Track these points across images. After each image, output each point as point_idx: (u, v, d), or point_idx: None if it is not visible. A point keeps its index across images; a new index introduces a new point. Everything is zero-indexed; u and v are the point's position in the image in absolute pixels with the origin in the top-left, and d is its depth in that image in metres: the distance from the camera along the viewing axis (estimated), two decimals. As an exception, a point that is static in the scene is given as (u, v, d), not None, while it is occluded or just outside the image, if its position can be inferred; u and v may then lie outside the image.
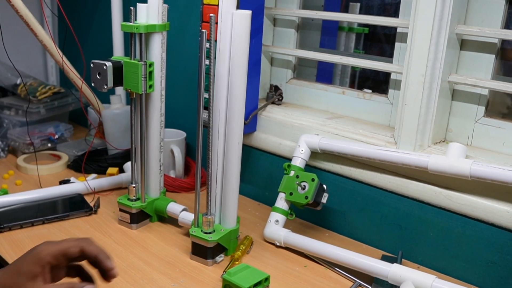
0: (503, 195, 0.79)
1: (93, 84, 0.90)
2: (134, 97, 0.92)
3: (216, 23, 0.85)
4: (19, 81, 1.38)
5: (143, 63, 0.88)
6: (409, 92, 0.87)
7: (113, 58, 0.91)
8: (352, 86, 1.29)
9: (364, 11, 1.27)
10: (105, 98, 1.28)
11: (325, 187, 0.91)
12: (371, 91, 1.03)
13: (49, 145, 1.32)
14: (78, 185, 1.10)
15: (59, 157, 1.27)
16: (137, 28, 0.87)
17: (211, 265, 0.86)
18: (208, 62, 0.84)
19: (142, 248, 0.91)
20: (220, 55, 0.82)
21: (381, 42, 1.31)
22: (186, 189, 1.15)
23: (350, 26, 1.27)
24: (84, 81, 1.15)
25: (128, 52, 0.92)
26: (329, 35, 1.25)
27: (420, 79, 0.85)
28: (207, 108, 0.92)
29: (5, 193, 1.05)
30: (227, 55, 0.82)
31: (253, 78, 1.03)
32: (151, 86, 0.91)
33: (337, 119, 1.02)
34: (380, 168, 0.91)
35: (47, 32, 1.14)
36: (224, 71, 0.82)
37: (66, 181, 1.13)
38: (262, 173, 1.11)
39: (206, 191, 0.87)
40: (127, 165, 1.16)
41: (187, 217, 0.93)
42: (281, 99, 1.12)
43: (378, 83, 1.24)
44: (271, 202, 0.98)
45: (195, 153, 0.86)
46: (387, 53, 1.18)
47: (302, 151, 0.96)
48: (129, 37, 0.90)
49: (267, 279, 0.78)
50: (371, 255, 0.83)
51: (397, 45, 0.95)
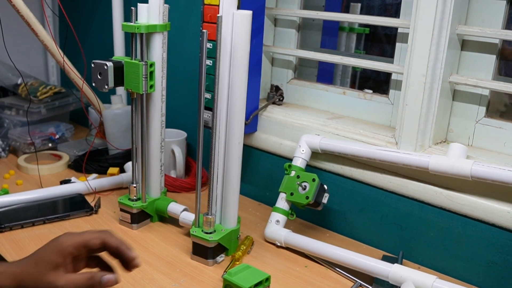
0: (503, 196, 0.79)
1: (94, 84, 0.90)
2: (135, 97, 0.92)
3: (216, 23, 0.85)
4: (20, 81, 1.38)
5: (144, 63, 0.88)
6: (410, 92, 0.87)
7: (114, 58, 0.91)
8: (353, 86, 1.29)
9: (365, 11, 1.27)
10: (106, 98, 1.28)
11: (325, 187, 0.91)
12: (372, 92, 1.03)
13: (50, 145, 1.32)
14: (78, 185, 1.10)
15: (59, 157, 1.27)
16: (138, 28, 0.88)
17: (212, 265, 0.86)
18: (209, 62, 0.84)
19: (142, 248, 0.91)
20: (221, 55, 0.82)
21: (382, 42, 1.31)
22: (186, 189, 1.15)
23: (351, 26, 1.27)
24: (85, 81, 1.15)
25: (129, 52, 0.92)
26: (330, 35, 1.25)
27: (421, 80, 0.85)
28: (207, 108, 0.92)
29: (6, 193, 1.06)
30: (228, 55, 0.82)
31: (254, 78, 1.03)
32: (152, 86, 0.91)
33: (338, 119, 1.02)
34: (380, 168, 0.91)
35: (48, 32, 1.14)
36: (225, 71, 0.82)
37: (67, 181, 1.13)
38: (262, 173, 1.11)
39: (206, 191, 0.87)
40: (128, 165, 1.16)
41: (188, 217, 0.93)
42: (282, 99, 1.12)
43: (379, 83, 1.24)
44: (271, 202, 0.98)
45: (196, 153, 0.86)
46: (388, 54, 1.18)
47: (303, 151, 0.96)
48: (130, 37, 0.90)
49: (268, 279, 0.78)
50: (371, 255, 0.83)
51: (398, 45, 0.95)
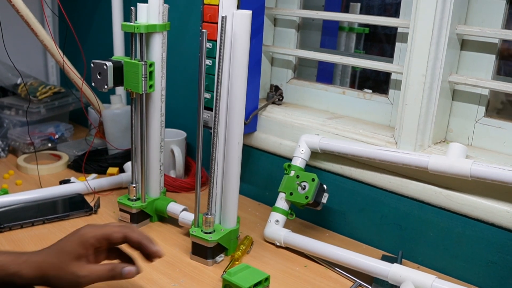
0: (503, 195, 0.79)
1: (93, 84, 0.90)
2: (134, 97, 0.92)
3: (216, 23, 0.85)
4: (19, 81, 1.38)
5: (143, 63, 0.88)
6: (409, 92, 0.87)
7: (113, 58, 0.91)
8: (352, 86, 1.29)
9: (364, 11, 1.27)
10: (105, 98, 1.28)
11: (325, 187, 0.91)
12: (371, 91, 1.03)
13: (50, 145, 1.32)
14: (78, 185, 1.10)
15: (59, 157, 1.27)
16: (137, 28, 0.87)
17: (211, 265, 0.86)
18: (208, 62, 0.84)
19: (142, 248, 0.91)
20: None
21: (382, 42, 1.31)
22: (186, 189, 1.15)
23: (350, 26, 1.28)
24: (84, 81, 1.15)
25: (128, 52, 0.92)
26: (330, 35, 1.25)
27: (420, 79, 0.85)
28: (207, 108, 0.92)
29: (6, 193, 1.05)
30: (227, 55, 0.82)
31: (254, 78, 1.03)
32: (151, 86, 0.91)
33: (338, 119, 1.02)
34: (380, 168, 0.91)
35: (48, 32, 1.14)
36: (224, 71, 0.82)
37: (66, 181, 1.13)
38: (262, 173, 1.11)
39: (206, 191, 0.87)
40: (127, 165, 1.16)
41: (187, 217, 0.93)
42: (281, 99, 1.12)
43: (378, 83, 1.24)
44: (271, 202, 0.98)
45: (195, 153, 0.86)
46: (387, 53, 1.18)
47: (302, 151, 0.96)
48: (129, 37, 0.90)
49: (267, 279, 0.78)
50: (371, 255, 0.83)
51: (398, 45, 0.95)
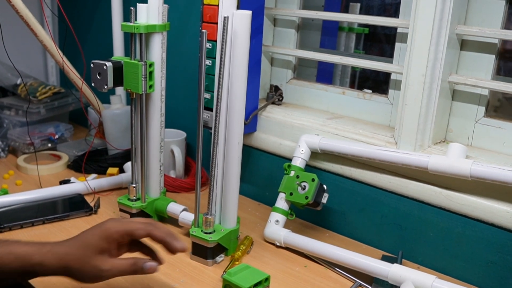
0: (503, 195, 0.79)
1: (93, 84, 0.90)
2: (134, 97, 0.92)
3: (216, 23, 0.85)
4: (19, 81, 1.38)
5: (143, 63, 0.88)
6: (409, 92, 0.87)
7: (113, 58, 0.91)
8: (352, 86, 1.29)
9: (364, 11, 1.27)
10: (105, 98, 1.28)
11: (325, 187, 0.91)
12: (371, 91, 1.03)
13: (49, 145, 1.32)
14: (78, 185, 1.10)
15: (59, 157, 1.27)
16: (137, 28, 0.87)
17: (211, 265, 0.86)
18: (208, 62, 0.84)
19: (142, 248, 0.91)
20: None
21: (381, 42, 1.31)
22: (186, 189, 1.15)
23: (350, 26, 1.28)
24: (84, 81, 1.15)
25: (128, 52, 0.92)
26: (329, 35, 1.25)
27: (420, 79, 0.85)
28: (207, 108, 0.92)
29: (5, 193, 1.05)
30: (227, 55, 0.82)
31: (253, 78, 1.03)
32: (151, 86, 0.91)
33: (337, 119, 1.02)
34: (380, 168, 0.91)
35: (47, 32, 1.14)
36: (224, 71, 0.82)
37: (66, 181, 1.13)
38: (262, 173, 1.11)
39: (206, 191, 0.87)
40: (127, 165, 1.16)
41: (187, 217, 0.93)
42: (281, 99, 1.12)
43: (378, 83, 1.24)
44: (271, 202, 0.98)
45: (195, 153, 0.86)
46: (387, 53, 1.18)
47: (302, 151, 0.96)
48: (129, 37, 0.90)
49: (267, 279, 0.78)
50: (371, 255, 0.83)
51: (397, 45, 0.95)
